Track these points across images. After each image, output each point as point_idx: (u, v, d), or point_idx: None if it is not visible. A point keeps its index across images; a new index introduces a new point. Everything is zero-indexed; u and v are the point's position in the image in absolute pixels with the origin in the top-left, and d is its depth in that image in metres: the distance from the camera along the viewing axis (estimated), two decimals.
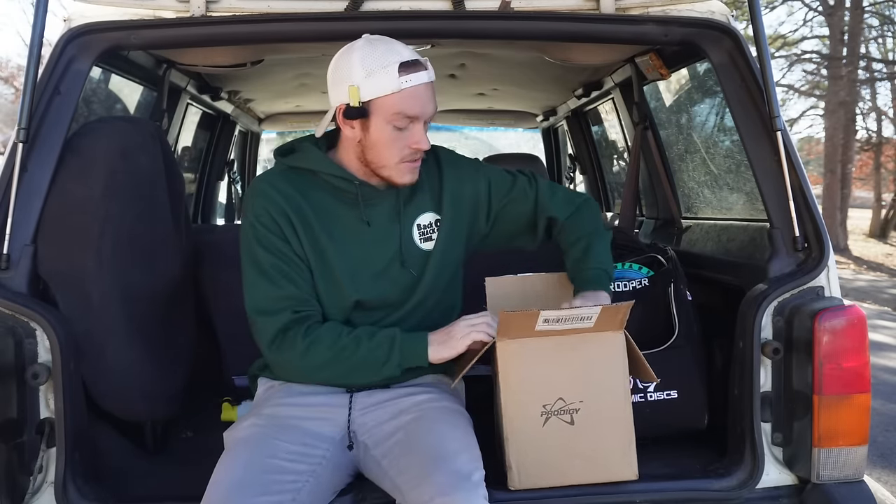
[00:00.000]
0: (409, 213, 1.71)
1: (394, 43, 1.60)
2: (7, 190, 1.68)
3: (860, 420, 1.68)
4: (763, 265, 1.80)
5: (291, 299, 1.61)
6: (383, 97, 1.56)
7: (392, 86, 1.55)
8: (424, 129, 1.62)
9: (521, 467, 1.65)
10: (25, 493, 1.61)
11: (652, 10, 1.93)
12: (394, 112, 1.57)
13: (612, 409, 1.64)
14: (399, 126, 1.59)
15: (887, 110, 19.44)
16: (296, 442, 1.57)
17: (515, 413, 1.65)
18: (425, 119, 1.61)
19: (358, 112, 1.58)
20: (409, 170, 1.64)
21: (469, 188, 1.78)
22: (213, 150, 3.92)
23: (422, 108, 1.59)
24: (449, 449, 1.47)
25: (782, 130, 1.79)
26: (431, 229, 1.73)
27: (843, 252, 14.98)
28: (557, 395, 1.65)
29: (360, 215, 1.67)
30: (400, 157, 1.62)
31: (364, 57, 1.57)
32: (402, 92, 1.55)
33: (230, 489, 1.42)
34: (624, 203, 2.88)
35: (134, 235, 1.92)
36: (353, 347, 1.58)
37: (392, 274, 1.69)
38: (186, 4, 1.85)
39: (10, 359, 1.59)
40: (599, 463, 1.65)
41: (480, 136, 6.06)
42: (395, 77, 1.55)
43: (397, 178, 1.64)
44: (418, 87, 1.57)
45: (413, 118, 1.59)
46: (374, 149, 1.62)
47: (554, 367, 1.65)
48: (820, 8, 16.88)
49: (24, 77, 1.71)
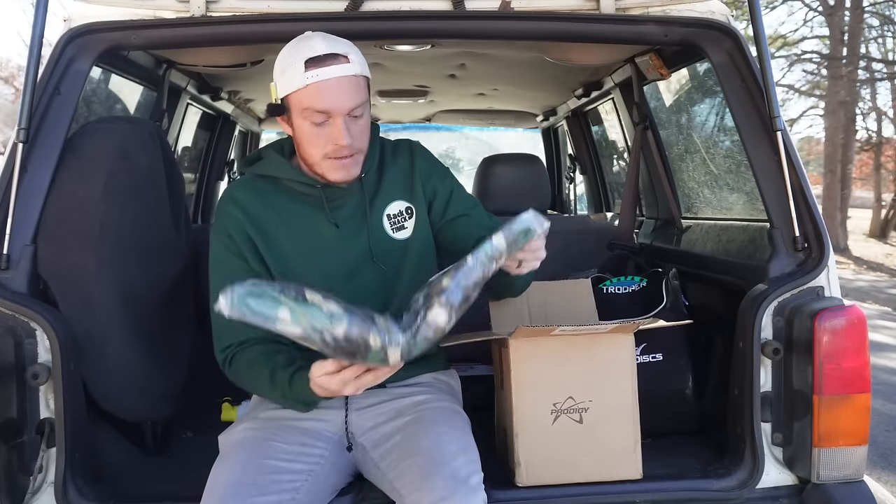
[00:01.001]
0: (376, 206, 1.69)
1: (314, 38, 1.56)
2: (7, 190, 1.68)
3: (860, 420, 1.68)
4: (763, 265, 1.80)
5: (228, 328, 1.59)
6: (292, 93, 1.55)
7: (297, 81, 1.53)
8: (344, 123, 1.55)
9: (529, 464, 1.68)
10: (25, 493, 1.61)
11: (652, 10, 1.93)
12: (302, 108, 1.54)
13: (620, 408, 1.67)
14: (315, 121, 1.55)
15: (887, 110, 19.45)
16: (293, 442, 1.56)
17: (526, 411, 1.69)
18: (342, 113, 1.54)
19: (277, 109, 1.59)
20: (338, 166, 1.59)
21: (434, 183, 1.74)
22: (213, 150, 3.92)
23: (332, 103, 1.53)
24: (447, 451, 1.46)
25: (782, 130, 1.79)
26: (403, 217, 1.70)
27: (843, 252, 14.98)
28: (567, 394, 1.68)
29: (328, 217, 1.65)
30: (323, 153, 1.58)
31: (283, 53, 1.58)
32: (308, 87, 1.52)
33: (228, 491, 1.42)
34: (624, 203, 2.88)
35: (134, 235, 1.92)
36: (256, 384, 1.60)
37: (365, 273, 1.65)
38: (186, 4, 1.85)
39: (10, 359, 1.59)
40: (606, 462, 1.67)
41: (480, 136, 6.06)
42: (301, 72, 1.52)
43: (328, 174, 1.60)
44: (327, 81, 1.52)
45: (324, 112, 1.54)
46: (300, 146, 1.61)
47: (565, 366, 1.68)
48: (820, 8, 16.88)
49: (24, 77, 1.71)
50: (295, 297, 1.27)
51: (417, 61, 2.86)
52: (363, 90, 1.58)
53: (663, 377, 1.99)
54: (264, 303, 1.26)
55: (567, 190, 4.57)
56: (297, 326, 1.26)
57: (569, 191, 4.56)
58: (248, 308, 1.25)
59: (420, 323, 1.31)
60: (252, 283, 1.28)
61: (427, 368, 1.75)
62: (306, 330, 1.26)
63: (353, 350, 1.28)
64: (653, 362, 2.00)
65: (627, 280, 2.19)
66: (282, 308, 1.26)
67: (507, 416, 1.75)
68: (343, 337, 1.27)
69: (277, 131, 4.87)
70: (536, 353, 1.67)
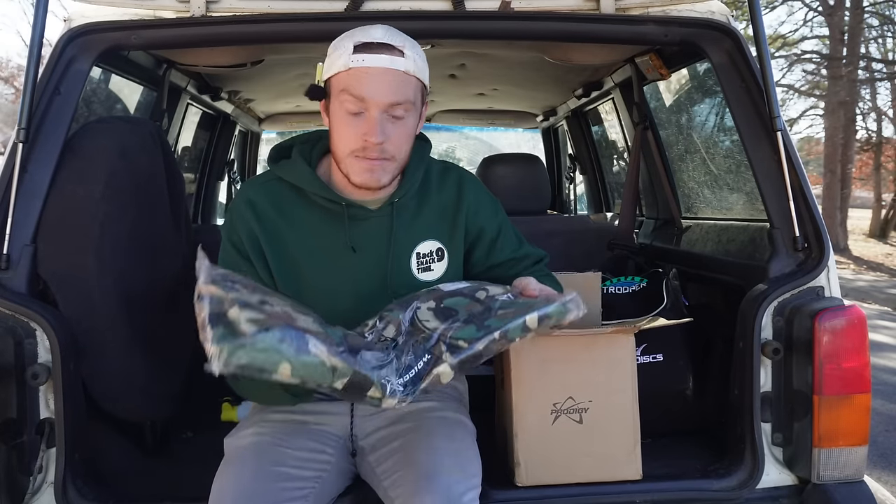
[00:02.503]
0: (406, 239, 1.57)
1: (376, 26, 1.50)
2: (7, 190, 1.68)
3: (860, 420, 1.68)
4: (763, 265, 1.80)
5: None
6: (335, 75, 1.47)
7: (342, 62, 1.45)
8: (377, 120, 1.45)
9: (528, 464, 1.68)
10: (25, 493, 1.61)
11: (652, 11, 1.93)
12: (341, 89, 1.45)
13: (620, 409, 1.67)
14: (350, 109, 1.45)
15: (887, 110, 19.46)
16: (301, 448, 1.53)
17: (526, 411, 1.68)
18: (380, 106, 1.45)
19: (319, 91, 1.51)
20: (365, 167, 1.47)
21: (482, 221, 1.64)
22: (213, 150, 3.92)
23: (370, 91, 1.43)
24: (443, 466, 1.41)
25: (782, 130, 1.79)
26: (432, 258, 1.59)
27: (843, 252, 14.98)
28: (567, 395, 1.67)
29: (346, 240, 1.54)
30: (351, 147, 1.47)
31: (338, 38, 1.51)
32: (351, 70, 1.44)
33: (238, 500, 1.38)
34: (624, 203, 2.88)
35: (134, 235, 1.92)
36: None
37: (379, 306, 1.47)
38: (186, 4, 1.85)
39: (9, 359, 1.59)
40: (606, 462, 1.67)
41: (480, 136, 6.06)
42: (349, 54, 1.44)
43: (352, 175, 1.49)
44: (371, 68, 1.44)
45: (360, 100, 1.44)
46: (333, 136, 1.51)
47: (565, 366, 1.67)
48: (820, 8, 16.87)
49: (24, 77, 1.71)
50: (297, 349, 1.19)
51: None
52: (411, 91, 1.48)
53: (663, 377, 1.99)
54: (263, 357, 1.17)
55: (567, 190, 4.57)
56: (296, 379, 1.20)
57: (569, 191, 4.56)
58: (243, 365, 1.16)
59: (424, 378, 1.28)
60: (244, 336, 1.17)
61: None
62: (305, 381, 1.21)
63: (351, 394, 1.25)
64: (653, 362, 2.00)
65: (627, 280, 2.19)
66: (283, 364, 1.17)
67: (507, 416, 1.75)
68: (342, 388, 1.23)
69: (278, 131, 4.88)
70: (536, 354, 1.67)
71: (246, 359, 1.16)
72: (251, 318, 1.19)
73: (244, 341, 1.16)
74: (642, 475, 1.69)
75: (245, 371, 1.16)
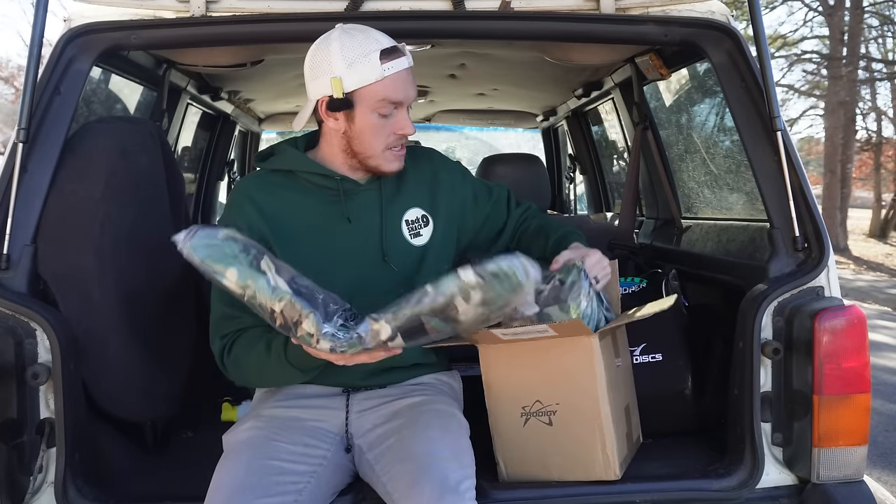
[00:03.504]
0: (395, 209, 1.69)
1: (369, 31, 1.59)
2: (7, 190, 1.68)
3: (860, 420, 1.68)
4: (763, 265, 1.81)
5: (231, 319, 1.58)
6: (367, 86, 1.55)
7: (375, 74, 1.54)
8: (407, 114, 1.63)
9: (506, 463, 1.74)
10: (25, 493, 1.61)
11: (652, 11, 1.93)
12: (378, 99, 1.56)
13: (588, 410, 1.66)
14: (383, 113, 1.58)
15: (887, 110, 19.45)
16: (296, 443, 1.56)
17: (499, 413, 1.73)
18: (408, 104, 1.62)
19: (343, 104, 1.57)
20: (396, 157, 1.64)
21: (459, 193, 1.78)
22: (213, 150, 3.92)
23: (405, 94, 1.59)
24: (438, 457, 1.45)
25: (782, 130, 1.79)
26: (419, 224, 1.71)
27: (843, 252, 14.98)
28: (535, 398, 1.69)
29: (342, 211, 1.65)
30: (385, 144, 1.61)
31: (343, 47, 1.55)
32: (386, 79, 1.55)
33: (233, 493, 1.41)
34: (624, 203, 2.88)
35: (134, 235, 1.92)
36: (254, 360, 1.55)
37: (374, 272, 1.64)
38: (186, 4, 1.85)
39: (10, 359, 1.59)
40: (579, 462, 1.68)
41: (480, 136, 6.07)
42: (378, 65, 1.54)
43: (385, 166, 1.63)
44: (400, 72, 1.57)
45: (397, 104, 1.59)
46: (360, 139, 1.60)
47: (530, 370, 1.69)
48: (820, 8, 16.88)
49: (24, 77, 1.71)
50: (251, 261, 1.30)
51: (417, 61, 2.83)
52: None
53: (663, 377, 1.99)
54: (218, 256, 1.29)
55: (567, 190, 4.57)
56: (239, 288, 1.30)
57: (569, 191, 4.56)
58: (200, 253, 1.29)
59: (361, 330, 1.32)
60: (216, 232, 1.31)
61: (428, 370, 1.75)
62: (247, 294, 1.30)
63: (286, 325, 1.31)
64: (652, 362, 2.00)
65: (627, 281, 2.19)
66: (231, 268, 1.29)
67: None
68: (279, 311, 1.30)
69: (277, 131, 4.88)
70: (503, 358, 1.69)
71: (205, 251, 1.30)
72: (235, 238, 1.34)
73: (214, 241, 1.31)
74: (640, 475, 1.69)
75: (203, 266, 1.31)
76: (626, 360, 1.88)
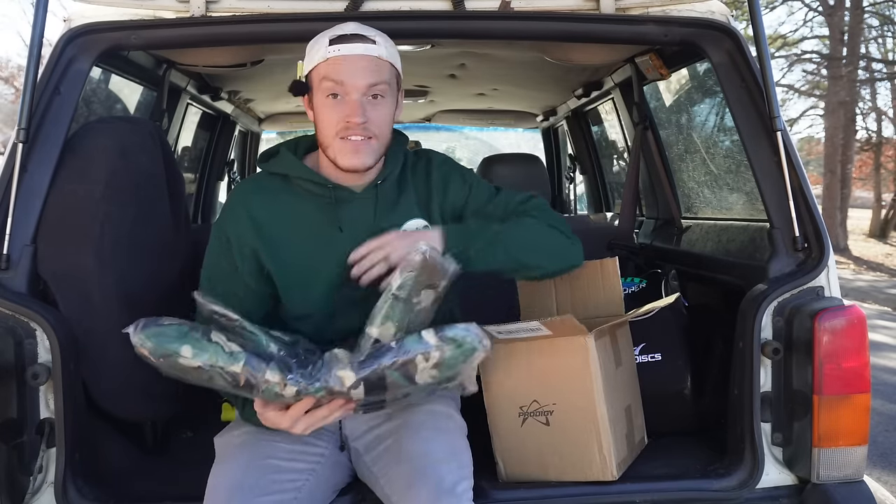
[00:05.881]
0: (391, 220, 1.62)
1: (348, 23, 1.61)
2: (7, 190, 1.68)
3: (860, 420, 1.68)
4: (763, 265, 1.80)
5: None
6: (314, 67, 1.57)
7: (321, 55, 1.56)
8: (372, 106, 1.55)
9: (505, 462, 1.74)
10: (25, 493, 1.61)
11: (652, 10, 1.93)
12: (321, 78, 1.55)
13: (585, 410, 1.66)
14: (329, 93, 1.55)
15: (887, 110, 19.44)
16: (294, 441, 1.55)
17: (497, 413, 1.73)
18: (359, 89, 1.53)
19: (302, 86, 1.60)
20: (351, 149, 1.55)
21: (452, 194, 1.71)
22: (213, 150, 3.92)
23: (349, 75, 1.53)
24: (435, 458, 1.45)
25: (782, 130, 1.79)
26: None
27: (843, 252, 14.98)
28: (532, 398, 1.70)
29: (334, 220, 1.60)
30: (335, 129, 1.55)
31: (316, 38, 1.60)
32: (329, 60, 1.54)
33: (232, 493, 1.41)
34: (624, 203, 2.88)
35: (134, 235, 1.92)
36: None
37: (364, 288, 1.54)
38: (186, 4, 1.85)
39: (10, 359, 1.59)
40: (576, 463, 1.68)
41: (480, 136, 6.07)
42: (325, 46, 1.55)
43: (341, 159, 1.56)
44: (348, 56, 1.54)
45: (340, 84, 1.53)
46: (319, 127, 1.59)
47: (526, 371, 1.70)
48: (820, 8, 16.87)
49: (24, 77, 1.71)
50: (201, 335, 1.36)
51: (417, 61, 2.86)
52: (386, 73, 1.58)
53: (662, 377, 1.99)
54: (168, 339, 1.34)
55: (567, 190, 4.57)
56: (196, 360, 1.34)
57: (569, 191, 4.56)
58: (151, 341, 1.34)
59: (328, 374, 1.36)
60: (160, 320, 1.37)
61: None
62: (205, 364, 1.34)
63: (248, 384, 1.36)
64: (651, 362, 2.00)
65: (627, 281, 2.19)
66: (184, 345, 1.34)
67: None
68: (240, 371, 1.34)
69: (278, 131, 4.88)
70: (500, 358, 1.69)
71: (155, 339, 1.34)
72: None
73: (161, 328, 1.36)
74: (639, 475, 1.69)
75: (157, 352, 1.34)
76: (630, 361, 1.88)
